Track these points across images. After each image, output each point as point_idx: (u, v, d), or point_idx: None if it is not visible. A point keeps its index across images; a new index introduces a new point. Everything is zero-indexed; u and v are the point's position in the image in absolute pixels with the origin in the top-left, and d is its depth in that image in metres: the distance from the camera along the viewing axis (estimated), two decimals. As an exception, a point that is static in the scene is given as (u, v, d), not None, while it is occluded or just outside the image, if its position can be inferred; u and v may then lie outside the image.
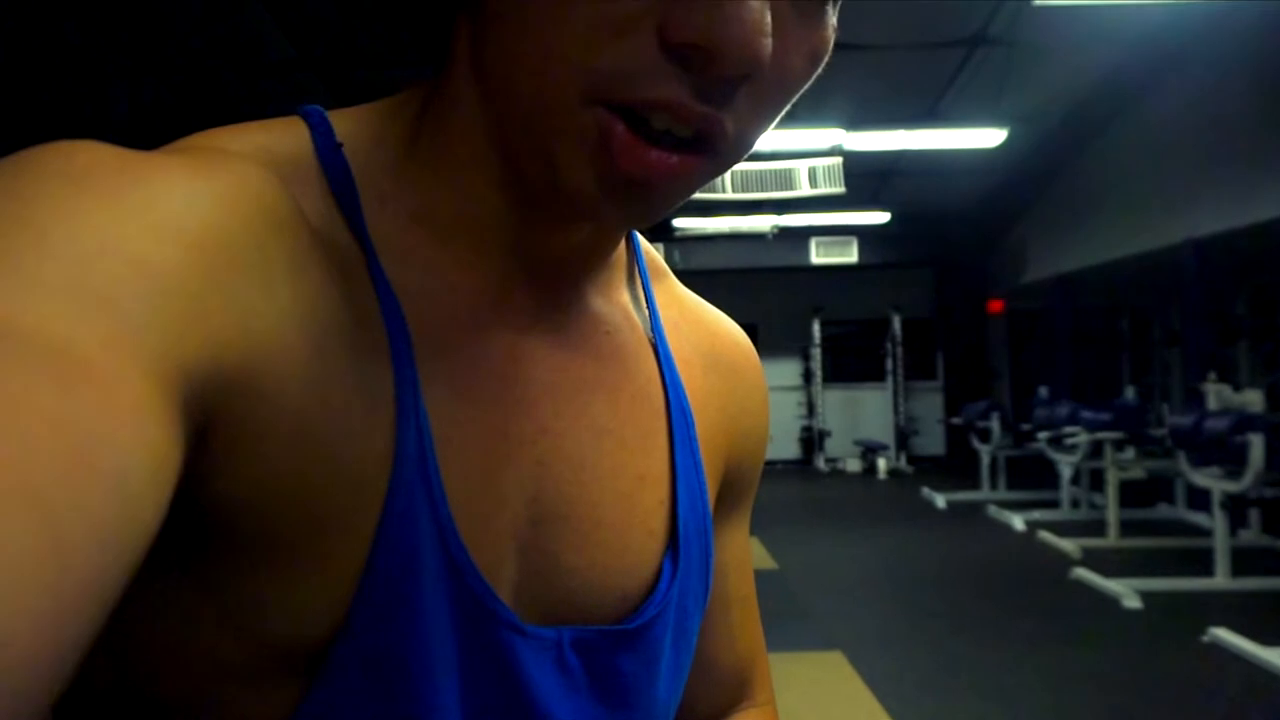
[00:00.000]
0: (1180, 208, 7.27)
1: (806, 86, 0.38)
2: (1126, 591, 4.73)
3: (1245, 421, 4.77)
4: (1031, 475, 8.80)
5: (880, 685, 3.54)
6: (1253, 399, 5.11)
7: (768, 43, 0.32)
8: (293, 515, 0.35)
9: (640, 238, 0.53)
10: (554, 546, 0.43)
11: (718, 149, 0.36)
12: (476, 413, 0.41)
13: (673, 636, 0.47)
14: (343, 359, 0.36)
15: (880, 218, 10.30)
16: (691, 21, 0.32)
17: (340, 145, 0.40)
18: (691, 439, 0.49)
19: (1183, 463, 5.41)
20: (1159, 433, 6.40)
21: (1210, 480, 5.10)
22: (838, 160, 7.42)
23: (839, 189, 7.36)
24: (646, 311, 0.51)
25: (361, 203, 0.39)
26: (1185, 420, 5.23)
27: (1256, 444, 4.63)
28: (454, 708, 0.39)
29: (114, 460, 0.24)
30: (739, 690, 0.60)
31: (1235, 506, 5.03)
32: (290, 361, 0.34)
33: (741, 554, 0.59)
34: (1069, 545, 6.02)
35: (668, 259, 0.79)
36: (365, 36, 5.31)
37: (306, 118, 0.40)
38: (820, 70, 0.38)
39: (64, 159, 0.31)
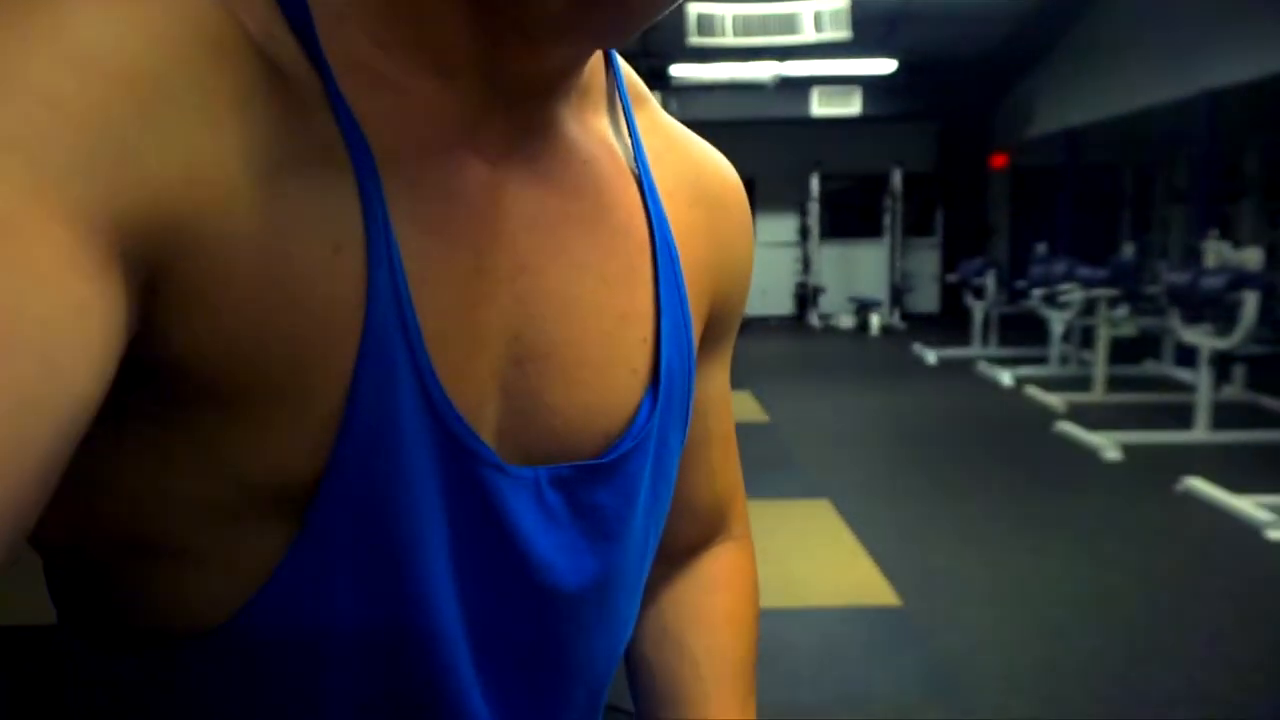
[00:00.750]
0: (1196, 58, 6.99)
1: None
2: (1107, 444, 4.86)
3: (1241, 279, 4.76)
4: (1025, 332, 8.88)
5: (865, 531, 3.69)
6: (1251, 257, 5.08)
7: None
8: (263, 364, 0.33)
9: (619, 59, 0.49)
10: (536, 386, 0.42)
11: None
12: (450, 249, 0.38)
13: (651, 471, 0.47)
14: (302, 198, 0.33)
15: (886, 66, 9.91)
16: None
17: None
18: (676, 274, 0.47)
19: (1174, 320, 5.45)
20: (1154, 290, 6.41)
21: (1200, 337, 5.15)
22: (844, 2, 7.05)
23: (845, 34, 7.03)
24: (629, 140, 0.47)
25: (315, 21, 0.34)
26: (1181, 277, 5.22)
27: (1250, 301, 4.65)
28: (440, 546, 0.39)
29: (33, 325, 0.23)
30: (717, 525, 0.61)
31: (1221, 363, 5.10)
32: (242, 205, 0.31)
33: (722, 391, 0.59)
34: (1055, 400, 6.15)
35: (663, 108, 0.66)
36: None
37: None
38: None
39: None
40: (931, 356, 8.53)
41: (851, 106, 10.48)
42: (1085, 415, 5.69)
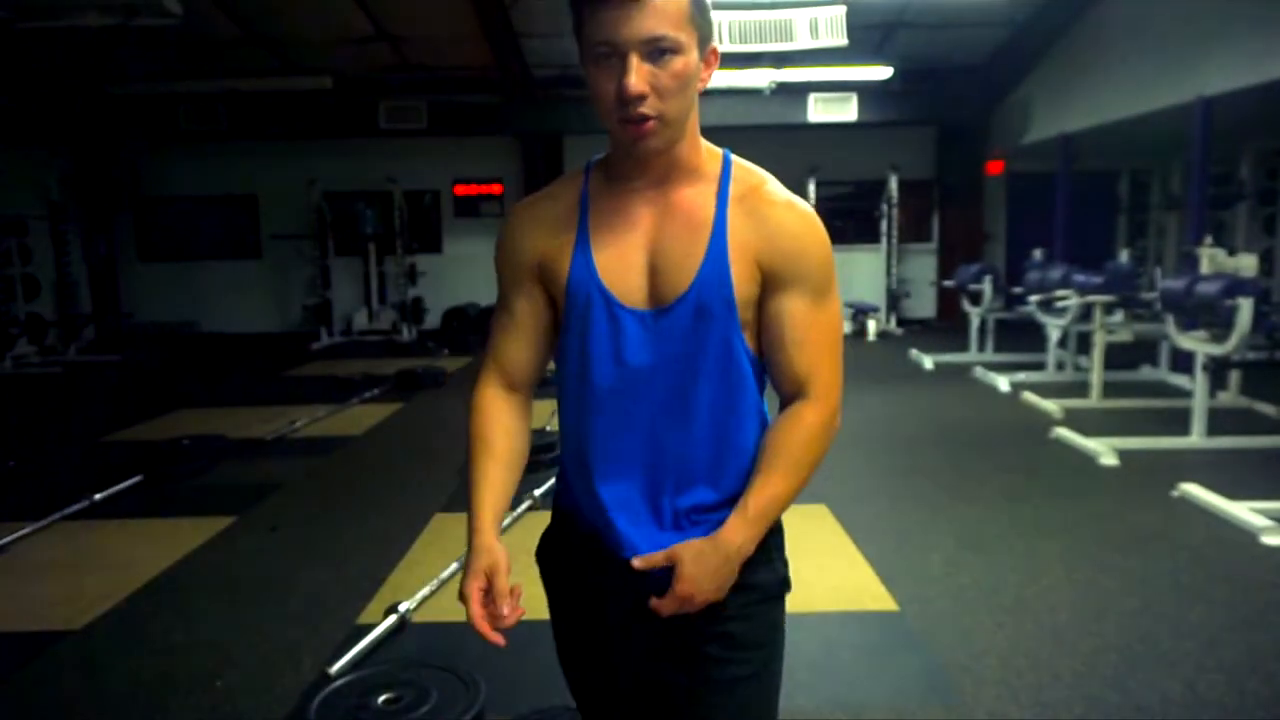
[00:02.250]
0: (1192, 65, 7.02)
1: (691, 83, 1.08)
2: (1104, 449, 4.87)
3: (1236, 285, 4.78)
4: (1020, 338, 8.90)
5: (862, 536, 3.70)
6: (1247, 263, 5.10)
7: (637, 81, 1.04)
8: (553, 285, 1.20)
9: (735, 168, 1.18)
10: (655, 281, 1.14)
11: (657, 115, 1.07)
12: (614, 236, 1.16)
13: (692, 315, 1.12)
14: (565, 231, 1.19)
15: (882, 73, 9.93)
16: (621, 86, 1.04)
17: (593, 160, 1.23)
18: (721, 243, 1.12)
19: (1170, 326, 5.46)
20: (1150, 296, 6.43)
21: (1195, 343, 5.16)
22: (840, 9, 7.07)
23: (841, 40, 7.05)
24: (716, 197, 1.15)
25: (591, 173, 1.21)
26: (1177, 283, 5.24)
27: (1245, 307, 4.66)
28: (606, 344, 1.15)
29: (528, 321, 1.23)
30: (800, 390, 1.17)
31: (1217, 368, 5.11)
32: (558, 250, 1.19)
33: (790, 312, 1.14)
34: (1051, 405, 6.16)
35: None
36: None
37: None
38: (692, 79, 1.08)
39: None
40: (928, 362, 8.54)
41: (848, 112, 10.51)
42: (1082, 421, 5.70)
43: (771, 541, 1.19)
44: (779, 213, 1.12)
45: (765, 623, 1.19)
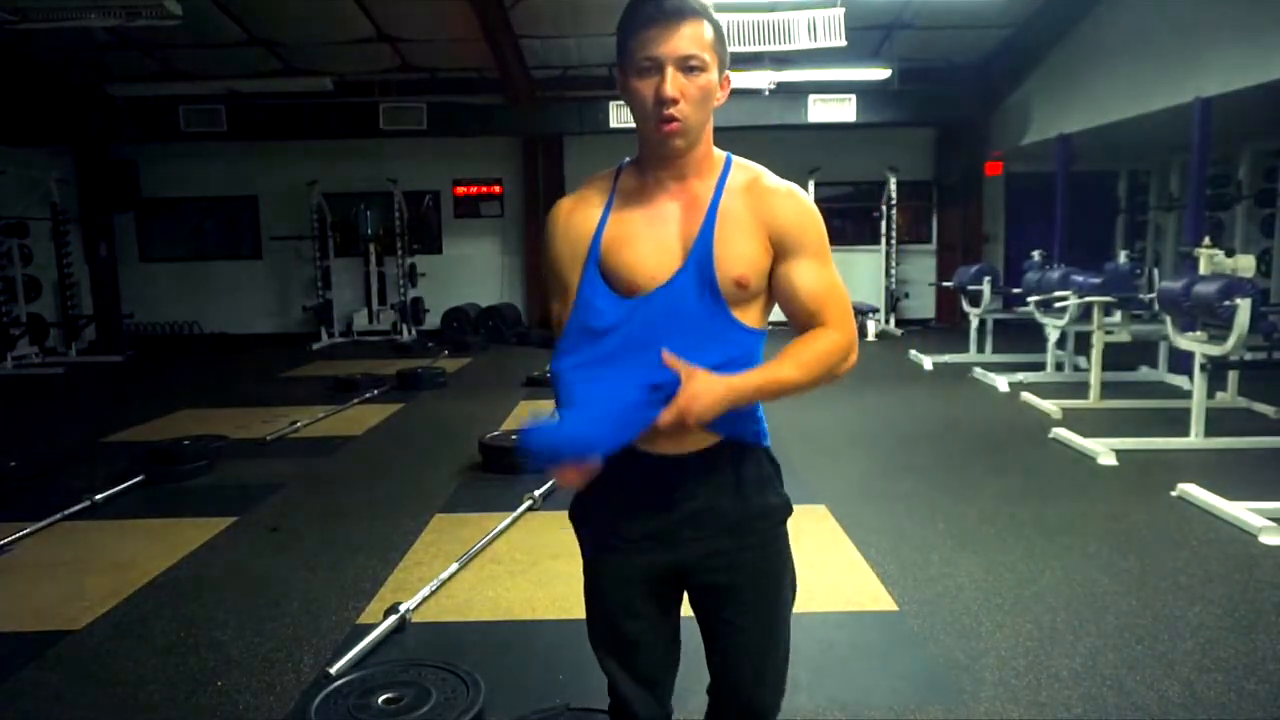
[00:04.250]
0: (1190, 66, 7.03)
1: (710, 98, 1.36)
2: (1102, 450, 4.88)
3: (1234, 286, 4.78)
4: (1019, 339, 8.91)
5: (861, 536, 3.71)
6: (1245, 264, 5.11)
7: (672, 87, 1.31)
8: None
9: (735, 165, 1.43)
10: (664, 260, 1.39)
11: (683, 118, 1.33)
12: (634, 224, 1.40)
13: (695, 287, 1.35)
14: (594, 216, 1.43)
15: (881, 74, 9.94)
16: (659, 90, 1.31)
17: (623, 163, 1.48)
18: (711, 223, 1.37)
19: (1169, 326, 5.47)
20: (1148, 297, 6.43)
21: (1194, 343, 5.17)
22: (839, 10, 7.08)
23: (840, 41, 7.06)
24: (716, 187, 1.40)
25: (623, 170, 1.46)
26: (1175, 284, 5.25)
27: (1244, 308, 4.67)
28: (612, 314, 1.37)
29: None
30: (814, 324, 1.40)
31: (1215, 369, 5.12)
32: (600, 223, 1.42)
33: (804, 272, 1.39)
34: (1050, 406, 6.17)
35: None
36: None
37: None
38: (711, 94, 1.36)
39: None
40: (927, 363, 8.55)
41: (847, 113, 10.52)
42: (1080, 421, 5.71)
43: (776, 474, 1.49)
44: (780, 197, 1.39)
45: (784, 541, 1.51)
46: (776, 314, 1.44)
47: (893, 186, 11.53)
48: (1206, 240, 5.50)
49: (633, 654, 1.50)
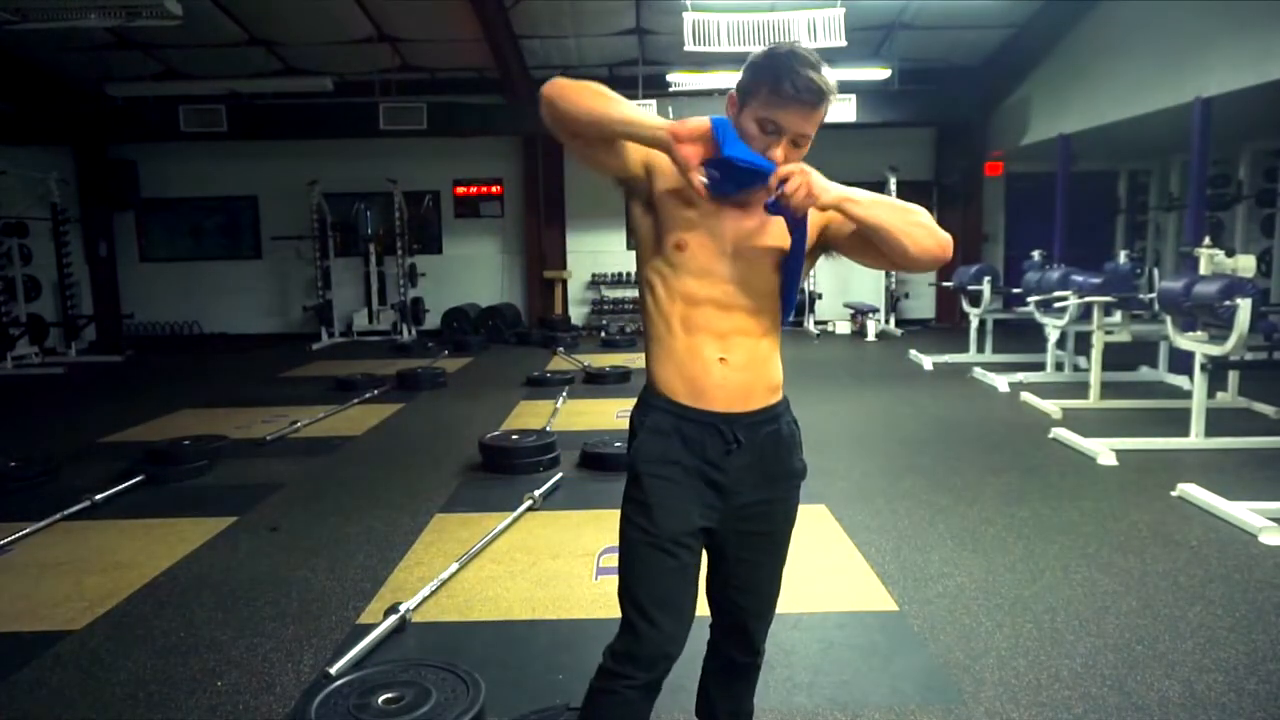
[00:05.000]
0: (1190, 66, 7.03)
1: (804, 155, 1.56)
2: (1102, 450, 4.88)
3: (1234, 286, 4.78)
4: (1019, 339, 8.91)
5: (861, 537, 3.71)
6: (1245, 264, 5.11)
7: (783, 157, 1.51)
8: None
9: None
10: (746, 258, 1.59)
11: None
12: (713, 227, 1.58)
13: (795, 246, 1.60)
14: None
15: (881, 74, 9.94)
16: (769, 154, 1.53)
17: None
18: (803, 234, 1.60)
19: (1169, 326, 5.47)
20: (1148, 297, 6.43)
21: (1194, 343, 5.17)
22: (839, 11, 7.08)
23: (840, 41, 7.06)
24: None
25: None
26: (1175, 284, 5.24)
27: (1244, 308, 4.67)
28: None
29: (624, 157, 1.58)
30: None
31: (1215, 369, 5.12)
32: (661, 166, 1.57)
33: (849, 226, 1.59)
34: (1050, 406, 6.17)
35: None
36: None
37: None
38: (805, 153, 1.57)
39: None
40: (927, 363, 8.55)
41: (846, 113, 10.51)
42: (1080, 421, 5.71)
43: (799, 441, 1.70)
44: None
45: (798, 493, 1.73)
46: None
47: (893, 186, 11.52)
48: (1206, 240, 5.50)
49: (678, 586, 1.59)
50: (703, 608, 1.69)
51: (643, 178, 1.57)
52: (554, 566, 3.41)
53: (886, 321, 11.59)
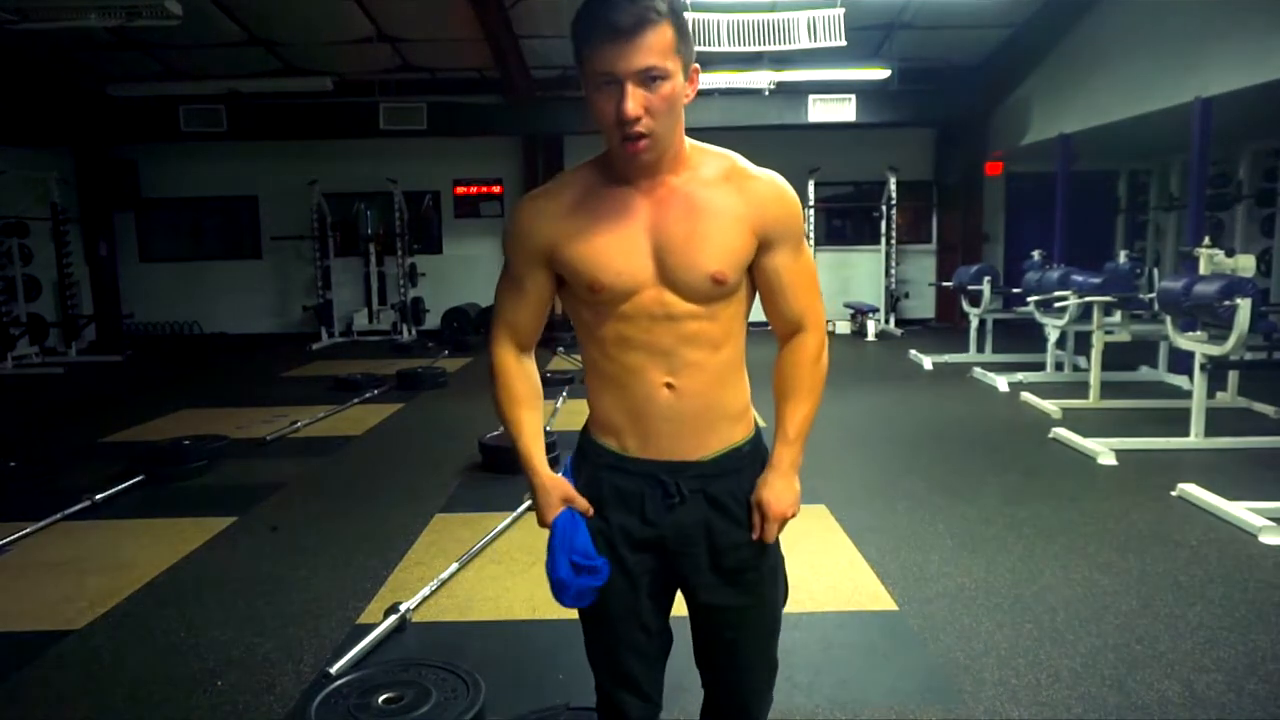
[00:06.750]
0: (1190, 66, 7.03)
1: (678, 103, 1.28)
2: (1102, 450, 4.88)
3: (1235, 286, 4.78)
4: (1019, 339, 8.91)
5: (861, 536, 3.71)
6: (1245, 264, 5.11)
7: (633, 106, 1.23)
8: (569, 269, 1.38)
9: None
10: (660, 264, 1.33)
11: (649, 133, 1.26)
12: (617, 226, 1.34)
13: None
14: (569, 221, 1.37)
15: (881, 74, 9.94)
16: (620, 110, 1.23)
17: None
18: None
19: (1169, 326, 5.47)
20: (1148, 297, 6.43)
21: (1194, 343, 5.17)
22: (839, 10, 7.08)
23: (840, 41, 7.06)
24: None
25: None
26: (1175, 284, 5.24)
27: (1244, 308, 4.67)
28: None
29: (536, 294, 1.43)
30: (799, 324, 1.45)
31: (1215, 369, 5.12)
32: (558, 237, 1.37)
33: (787, 265, 1.40)
34: (1050, 406, 6.17)
35: None
36: None
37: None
38: (678, 100, 1.28)
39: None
40: (927, 363, 8.55)
41: (847, 113, 10.52)
42: (1080, 421, 5.71)
43: None
44: (763, 186, 1.35)
45: (778, 557, 1.53)
46: (756, 313, 1.43)
47: (893, 186, 11.53)
48: (1206, 240, 5.50)
49: (632, 661, 1.48)
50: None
51: (549, 270, 1.40)
52: (554, 566, 3.41)
53: (886, 321, 11.58)
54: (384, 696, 2.35)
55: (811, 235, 11.49)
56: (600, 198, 1.34)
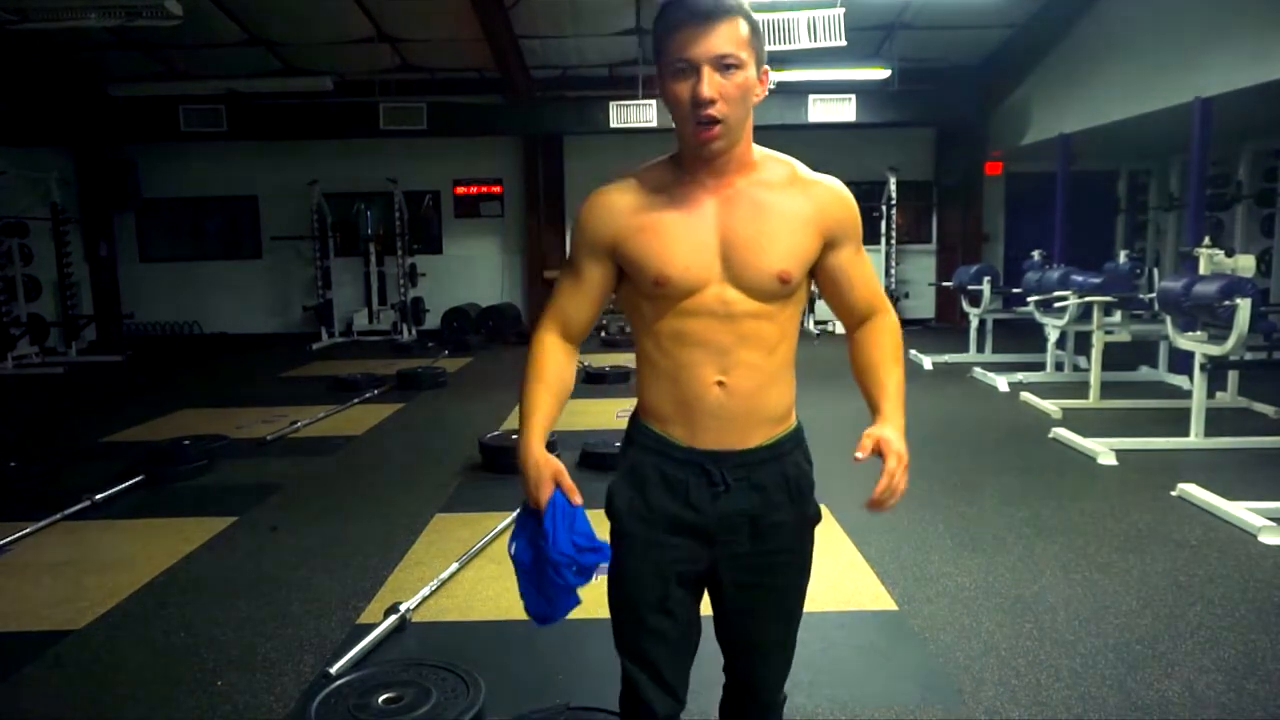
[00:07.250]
0: (1190, 66, 7.03)
1: (749, 95, 1.35)
2: (1102, 449, 4.88)
3: (1234, 286, 4.78)
4: (1019, 339, 8.91)
5: (860, 535, 3.71)
6: (1245, 264, 5.11)
7: (709, 88, 1.29)
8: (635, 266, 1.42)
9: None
10: (735, 258, 1.38)
11: (723, 119, 1.31)
12: (687, 223, 1.38)
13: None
14: (638, 217, 1.42)
15: (881, 74, 9.94)
16: (696, 92, 1.29)
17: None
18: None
19: (1169, 326, 5.47)
20: (1148, 297, 6.43)
21: (1194, 343, 5.17)
22: (839, 10, 7.08)
23: (840, 41, 7.06)
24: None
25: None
26: (1175, 284, 5.25)
27: (1244, 308, 4.67)
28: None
29: (594, 287, 1.46)
30: (872, 309, 1.53)
31: (1215, 369, 5.12)
32: (628, 234, 1.41)
33: (854, 261, 1.48)
34: (1050, 406, 6.17)
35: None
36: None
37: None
38: (750, 91, 1.35)
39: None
40: (927, 362, 8.55)
41: (847, 113, 10.52)
42: (1080, 421, 5.71)
43: (811, 473, 1.62)
44: (826, 190, 1.43)
45: (812, 543, 1.63)
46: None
47: (893, 186, 11.53)
48: (1206, 240, 5.50)
49: (660, 651, 1.48)
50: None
51: (611, 263, 1.44)
52: (554, 566, 3.41)
53: (886, 321, 11.57)
54: (384, 696, 2.35)
55: (811, 235, 11.49)
56: (670, 194, 1.39)
